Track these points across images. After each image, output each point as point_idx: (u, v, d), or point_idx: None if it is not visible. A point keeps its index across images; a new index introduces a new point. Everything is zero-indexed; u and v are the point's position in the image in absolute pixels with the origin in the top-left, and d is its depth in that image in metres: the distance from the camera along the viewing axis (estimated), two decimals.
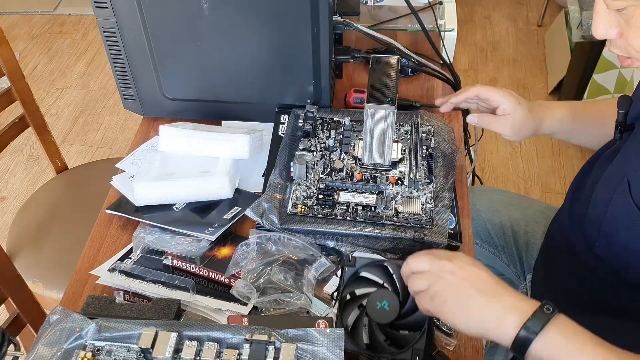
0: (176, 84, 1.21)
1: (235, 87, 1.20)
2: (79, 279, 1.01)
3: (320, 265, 0.97)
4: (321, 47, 1.11)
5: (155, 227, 1.04)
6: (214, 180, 1.07)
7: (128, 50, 1.16)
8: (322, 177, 1.05)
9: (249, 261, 0.96)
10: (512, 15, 3.20)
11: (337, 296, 0.88)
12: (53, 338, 0.77)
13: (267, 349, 0.75)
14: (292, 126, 1.15)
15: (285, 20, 1.08)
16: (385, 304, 0.82)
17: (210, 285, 0.99)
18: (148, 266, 1.00)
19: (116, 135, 2.63)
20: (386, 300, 0.82)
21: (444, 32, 1.38)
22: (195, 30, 1.11)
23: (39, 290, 1.40)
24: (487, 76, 2.83)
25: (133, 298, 0.95)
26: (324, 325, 0.87)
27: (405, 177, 1.04)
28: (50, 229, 1.52)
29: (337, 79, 1.31)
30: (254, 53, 1.13)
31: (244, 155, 1.11)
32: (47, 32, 3.20)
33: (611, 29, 0.73)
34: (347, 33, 1.23)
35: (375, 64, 1.05)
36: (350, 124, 1.14)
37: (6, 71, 1.46)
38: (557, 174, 2.39)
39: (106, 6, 1.10)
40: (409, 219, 0.98)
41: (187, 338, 0.76)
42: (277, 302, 0.92)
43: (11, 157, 2.53)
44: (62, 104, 2.78)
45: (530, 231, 1.27)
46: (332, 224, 0.99)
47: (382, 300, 0.82)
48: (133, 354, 0.76)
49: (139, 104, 1.26)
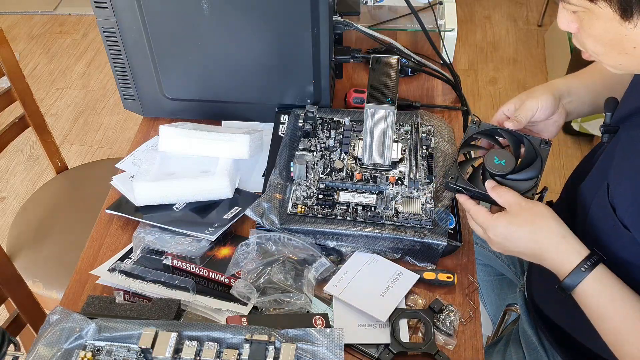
0: (176, 84, 1.21)
1: (235, 87, 1.20)
2: (79, 279, 1.01)
3: (320, 265, 0.97)
4: (321, 47, 1.11)
5: (155, 227, 1.04)
6: (214, 180, 1.07)
7: (128, 50, 1.16)
8: (322, 177, 1.05)
9: (249, 261, 0.96)
10: (512, 15, 3.20)
11: (457, 154, 0.96)
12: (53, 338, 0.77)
13: (267, 349, 0.75)
14: (292, 126, 1.15)
15: (285, 21, 1.08)
16: (504, 161, 0.90)
17: (210, 285, 0.99)
18: (148, 266, 1.00)
19: (116, 135, 2.63)
20: (505, 159, 0.91)
21: (444, 32, 1.38)
22: (195, 30, 1.11)
23: (39, 290, 1.40)
24: (487, 76, 2.83)
25: (133, 298, 0.95)
26: (320, 322, 0.87)
27: (405, 177, 1.04)
28: (50, 229, 1.52)
29: (337, 79, 1.31)
30: (254, 53, 1.13)
31: (244, 155, 1.11)
32: (47, 32, 3.20)
33: (571, 23, 0.78)
34: (347, 33, 1.23)
35: (375, 64, 1.05)
36: (350, 124, 1.14)
37: (6, 71, 1.46)
38: (557, 174, 2.39)
39: (106, 6, 1.10)
40: (409, 219, 0.98)
41: (187, 338, 0.77)
42: (277, 302, 0.92)
43: (11, 157, 2.53)
44: (62, 104, 2.78)
45: None
46: (332, 224, 0.99)
47: (501, 158, 0.91)
48: (133, 354, 0.77)
49: (139, 104, 1.26)
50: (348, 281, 0.96)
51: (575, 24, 0.78)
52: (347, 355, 0.88)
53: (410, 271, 0.98)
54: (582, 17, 0.75)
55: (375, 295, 0.94)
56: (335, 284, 0.96)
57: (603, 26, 0.73)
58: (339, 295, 0.94)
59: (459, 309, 0.94)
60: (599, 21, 0.73)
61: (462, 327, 0.93)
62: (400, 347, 0.88)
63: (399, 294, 0.94)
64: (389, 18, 1.49)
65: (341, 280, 0.96)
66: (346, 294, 0.94)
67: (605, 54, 0.78)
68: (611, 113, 0.90)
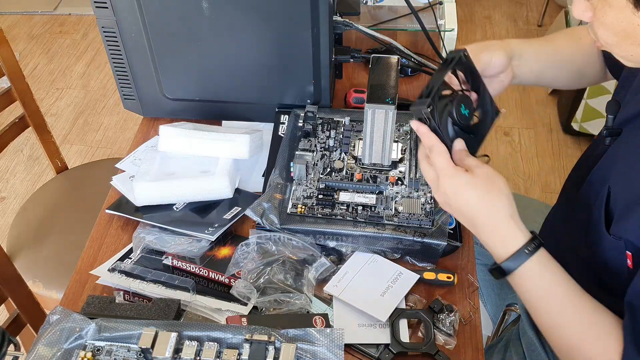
0: (176, 84, 1.21)
1: (235, 87, 1.20)
2: (79, 279, 1.01)
3: (320, 265, 0.97)
4: (321, 47, 1.11)
5: (155, 227, 1.04)
6: (214, 180, 1.07)
7: (128, 50, 1.16)
8: (322, 177, 1.05)
9: (249, 261, 0.96)
10: (512, 15, 3.20)
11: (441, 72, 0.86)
12: (53, 338, 0.77)
13: (267, 349, 0.75)
14: (292, 126, 1.15)
15: (285, 20, 1.08)
16: (467, 112, 0.85)
17: (210, 285, 0.99)
18: (148, 266, 1.00)
19: (116, 135, 2.63)
20: (469, 111, 0.85)
21: (444, 32, 1.38)
22: (195, 30, 1.11)
23: (39, 290, 1.40)
24: None
25: (133, 298, 0.95)
26: (320, 322, 0.87)
27: (405, 177, 1.04)
28: (50, 229, 1.52)
29: (337, 79, 1.31)
30: (254, 53, 1.13)
31: (244, 155, 1.11)
32: (47, 32, 3.20)
33: (586, 11, 0.78)
34: (347, 33, 1.23)
35: (375, 64, 1.05)
36: (350, 124, 1.14)
37: (6, 71, 1.46)
38: (557, 174, 2.39)
39: (106, 6, 1.10)
40: (409, 219, 0.98)
41: (187, 338, 0.77)
42: (277, 302, 0.92)
43: (11, 157, 2.53)
44: (62, 104, 2.78)
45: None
46: (332, 224, 0.99)
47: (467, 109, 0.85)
48: (133, 354, 0.77)
49: (139, 104, 1.26)
50: (348, 281, 0.96)
51: (589, 12, 0.77)
52: (347, 355, 0.88)
53: (410, 271, 0.98)
54: (596, 5, 0.75)
55: (375, 295, 0.94)
56: (335, 284, 0.96)
57: (616, 15, 0.73)
58: (339, 295, 0.94)
59: (459, 309, 0.94)
60: (612, 10, 0.73)
61: (462, 327, 0.93)
62: (400, 347, 0.88)
63: (399, 294, 0.94)
64: (389, 18, 1.49)
65: (341, 280, 0.96)
66: (346, 294, 0.94)
67: (618, 44, 0.77)
68: (613, 116, 0.89)
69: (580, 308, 0.79)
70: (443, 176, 0.82)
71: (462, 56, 0.87)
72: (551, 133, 2.55)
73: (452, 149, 0.84)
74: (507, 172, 2.41)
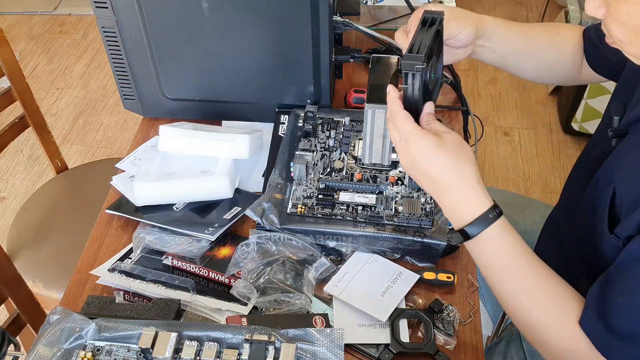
0: (176, 84, 1.21)
1: (235, 87, 1.20)
2: (79, 279, 1.01)
3: (320, 265, 0.97)
4: (321, 47, 1.11)
5: (155, 227, 1.04)
6: (214, 180, 1.07)
7: (128, 50, 1.16)
8: (322, 177, 1.05)
9: (249, 261, 0.96)
10: (512, 15, 3.20)
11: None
12: (53, 338, 0.77)
13: (267, 349, 0.75)
14: (292, 126, 1.15)
15: (285, 20, 1.08)
16: (432, 76, 0.85)
17: (210, 285, 0.99)
18: (148, 266, 1.00)
19: (116, 135, 2.63)
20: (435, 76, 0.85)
21: None
22: (195, 30, 1.11)
23: (39, 290, 1.40)
24: (487, 76, 2.83)
25: (133, 298, 0.95)
26: (320, 322, 0.87)
27: (405, 177, 1.04)
28: (50, 229, 1.52)
29: (337, 79, 1.31)
30: (253, 53, 1.13)
31: (244, 155, 1.11)
32: (47, 32, 3.20)
33: (599, 8, 0.77)
34: (347, 33, 1.23)
35: (375, 64, 1.05)
36: (350, 124, 1.14)
37: (6, 71, 1.46)
38: (557, 174, 2.39)
39: (106, 6, 1.10)
40: (409, 219, 0.98)
41: (187, 338, 0.76)
42: (277, 302, 0.92)
43: (11, 157, 2.53)
44: (62, 104, 2.78)
45: (529, 231, 1.27)
46: (332, 224, 0.99)
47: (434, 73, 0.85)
48: (133, 354, 0.77)
49: (139, 104, 1.26)
50: (348, 281, 0.96)
51: (602, 9, 0.77)
52: (347, 355, 0.89)
53: (410, 271, 0.98)
54: (610, 1, 0.75)
55: (375, 295, 0.94)
56: (335, 284, 0.96)
57: (630, 10, 0.72)
58: (339, 295, 0.94)
59: (459, 309, 0.94)
60: (626, 5, 0.72)
61: (462, 327, 0.93)
62: (400, 347, 0.88)
63: (399, 294, 0.94)
64: (389, 18, 1.49)
65: (341, 280, 0.96)
66: (346, 294, 0.94)
67: (630, 42, 0.76)
68: (619, 117, 0.89)
69: (541, 275, 0.81)
70: (411, 140, 0.81)
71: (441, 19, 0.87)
72: (551, 133, 2.56)
73: (422, 111, 0.84)
74: (507, 172, 2.41)
